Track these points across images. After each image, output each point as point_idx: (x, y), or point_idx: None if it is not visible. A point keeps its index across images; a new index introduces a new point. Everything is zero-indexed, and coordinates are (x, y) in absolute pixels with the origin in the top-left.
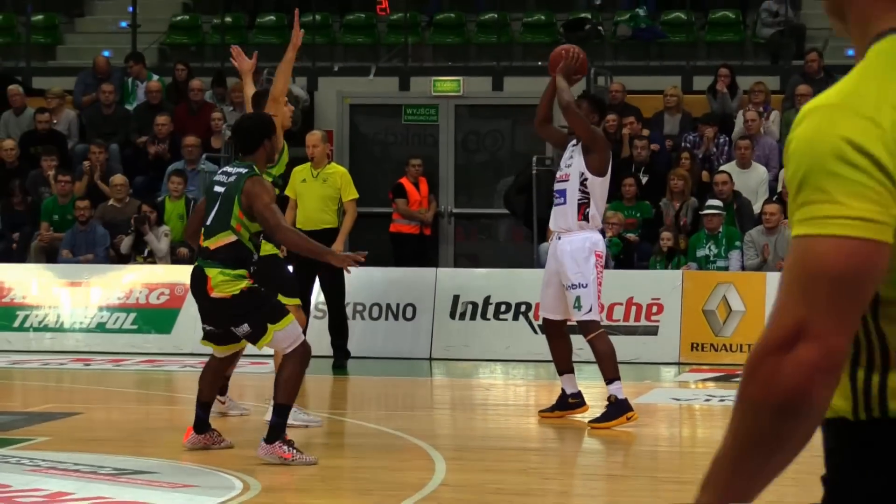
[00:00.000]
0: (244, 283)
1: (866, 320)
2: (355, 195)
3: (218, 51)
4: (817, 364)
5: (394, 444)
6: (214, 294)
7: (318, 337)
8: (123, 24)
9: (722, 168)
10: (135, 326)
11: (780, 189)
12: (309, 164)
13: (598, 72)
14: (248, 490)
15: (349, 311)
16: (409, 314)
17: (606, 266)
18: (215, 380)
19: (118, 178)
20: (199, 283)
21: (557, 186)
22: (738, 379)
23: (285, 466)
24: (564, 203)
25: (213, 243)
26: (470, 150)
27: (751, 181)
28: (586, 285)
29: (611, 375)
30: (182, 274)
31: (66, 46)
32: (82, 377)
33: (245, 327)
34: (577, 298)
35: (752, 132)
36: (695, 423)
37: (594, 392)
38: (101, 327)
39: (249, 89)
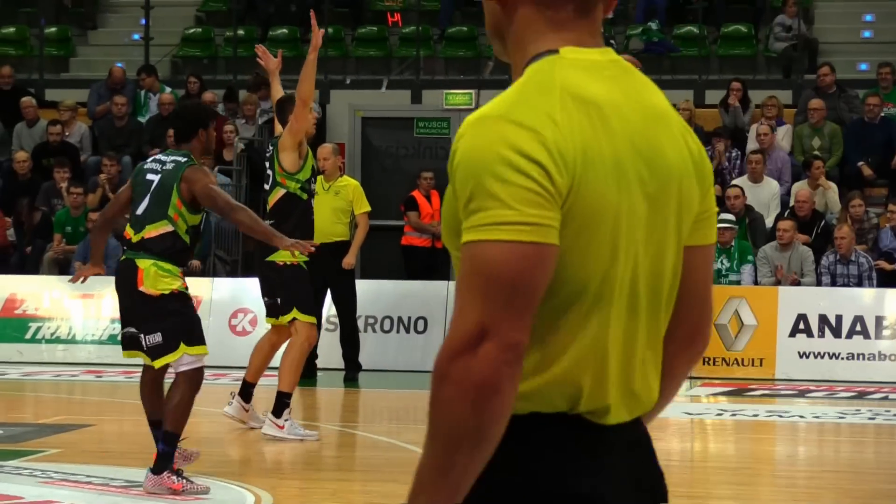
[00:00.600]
0: (177, 284)
1: None
2: (367, 208)
3: (230, 64)
4: (503, 358)
5: (406, 457)
6: (143, 288)
7: (330, 350)
8: (136, 36)
9: (734, 182)
10: None
11: (791, 203)
12: (321, 176)
13: None
14: (259, 503)
15: (361, 323)
16: (420, 327)
17: None
18: (153, 393)
19: None
20: (126, 277)
21: None
22: (750, 393)
23: (300, 480)
24: None
25: (147, 233)
26: None
27: (763, 195)
28: None
29: None
30: (195, 286)
31: (78, 59)
32: (94, 389)
33: (157, 337)
34: None
35: (765, 146)
36: (706, 438)
37: None
38: (112, 339)
39: (277, 90)
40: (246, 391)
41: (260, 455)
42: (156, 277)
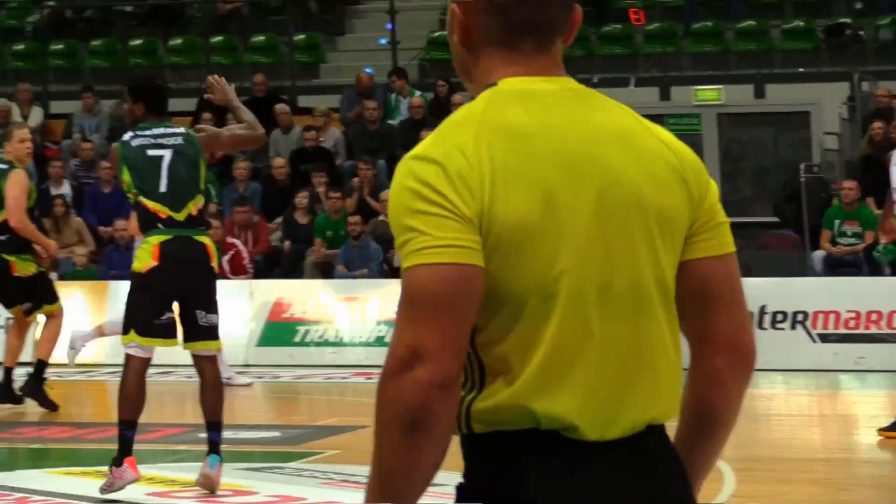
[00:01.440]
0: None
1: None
2: None
3: None
4: (432, 380)
5: None
6: (213, 264)
7: None
8: (383, 41)
9: None
10: None
11: None
12: None
13: (863, 77)
14: None
15: None
16: None
17: (881, 273)
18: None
19: (387, 194)
20: (201, 257)
21: None
22: None
23: None
24: None
25: (191, 209)
26: (734, 159)
27: None
28: None
29: None
30: None
31: (328, 65)
32: (365, 391)
33: (216, 317)
34: None
35: None
36: None
37: (882, 401)
38: (380, 341)
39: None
40: None
41: None
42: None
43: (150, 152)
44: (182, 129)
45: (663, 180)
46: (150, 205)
